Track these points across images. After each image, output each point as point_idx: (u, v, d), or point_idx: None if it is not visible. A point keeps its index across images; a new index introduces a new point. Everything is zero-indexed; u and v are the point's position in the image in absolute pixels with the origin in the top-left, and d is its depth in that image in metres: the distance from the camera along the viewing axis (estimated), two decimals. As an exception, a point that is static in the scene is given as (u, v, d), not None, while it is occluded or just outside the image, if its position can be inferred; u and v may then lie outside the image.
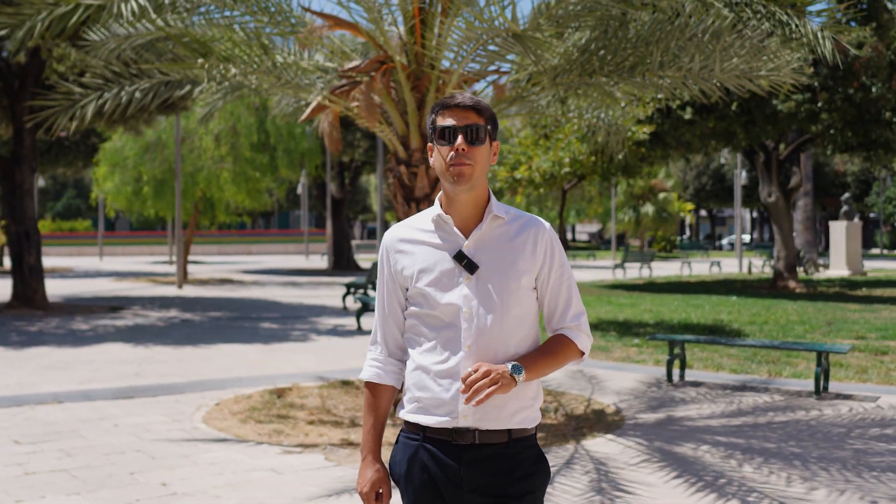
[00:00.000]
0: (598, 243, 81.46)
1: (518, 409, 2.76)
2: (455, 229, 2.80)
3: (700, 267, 41.05)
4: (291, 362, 11.76)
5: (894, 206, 62.29)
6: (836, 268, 32.55)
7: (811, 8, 7.96)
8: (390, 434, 6.99)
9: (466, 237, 2.80)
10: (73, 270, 37.81)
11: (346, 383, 9.95)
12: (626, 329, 15.15)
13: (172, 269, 38.16)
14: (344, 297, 19.43)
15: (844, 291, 24.03)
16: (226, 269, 39.17)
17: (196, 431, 7.79)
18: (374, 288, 19.07)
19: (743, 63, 7.55)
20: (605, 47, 7.74)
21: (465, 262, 2.76)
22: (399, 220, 8.65)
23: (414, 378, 2.82)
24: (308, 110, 8.54)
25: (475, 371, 2.61)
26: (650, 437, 7.59)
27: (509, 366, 2.67)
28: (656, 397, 9.38)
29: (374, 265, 19.04)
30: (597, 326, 15.50)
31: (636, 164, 15.48)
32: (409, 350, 2.87)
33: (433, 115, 2.81)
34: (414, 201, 8.45)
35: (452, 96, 2.78)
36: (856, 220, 33.22)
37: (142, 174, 28.44)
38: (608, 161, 14.54)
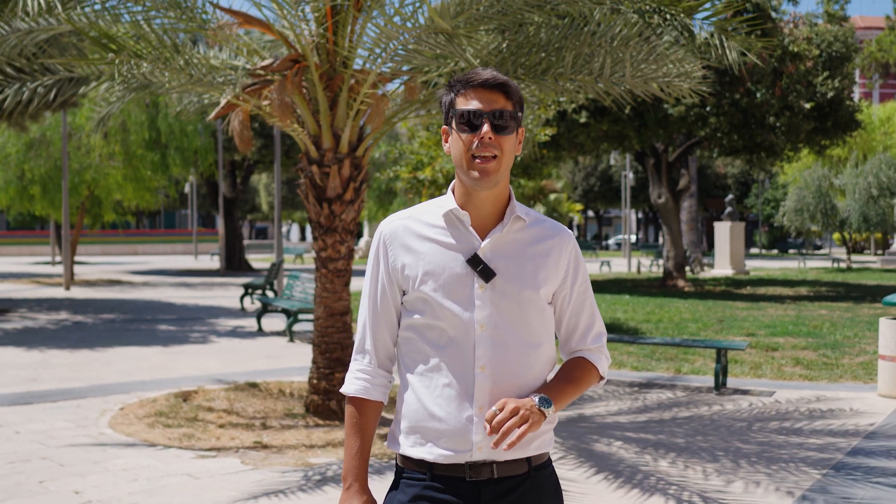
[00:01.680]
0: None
1: (536, 435, 2.42)
2: (471, 229, 2.40)
3: (590, 266, 41.83)
4: (194, 365, 11.53)
5: (772, 208, 64.63)
6: (721, 267, 33.59)
7: (706, 17, 8.19)
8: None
9: (482, 238, 2.41)
10: (-51, 271, 36.28)
11: (252, 385, 9.81)
12: (526, 328, 15.34)
13: (56, 269, 36.96)
14: (242, 298, 19.14)
15: (730, 290, 24.84)
16: (113, 269, 38.11)
17: (103, 437, 7.57)
18: (271, 289, 18.85)
19: (650, 69, 7.74)
20: (518, 50, 7.83)
21: (481, 268, 2.36)
22: (310, 221, 8.59)
23: (412, 405, 2.42)
24: (217, 108, 8.40)
25: (500, 409, 2.25)
26: (563, 434, 7.71)
27: (536, 399, 2.30)
28: (564, 395, 9.52)
29: (273, 265, 18.80)
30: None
31: (536, 166, 15.69)
32: (405, 371, 2.47)
33: (452, 95, 2.40)
34: (326, 201, 8.39)
35: (477, 73, 2.37)
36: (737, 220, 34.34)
37: (24, 172, 27.43)
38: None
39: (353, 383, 2.52)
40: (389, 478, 6.34)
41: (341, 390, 2.56)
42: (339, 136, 8.33)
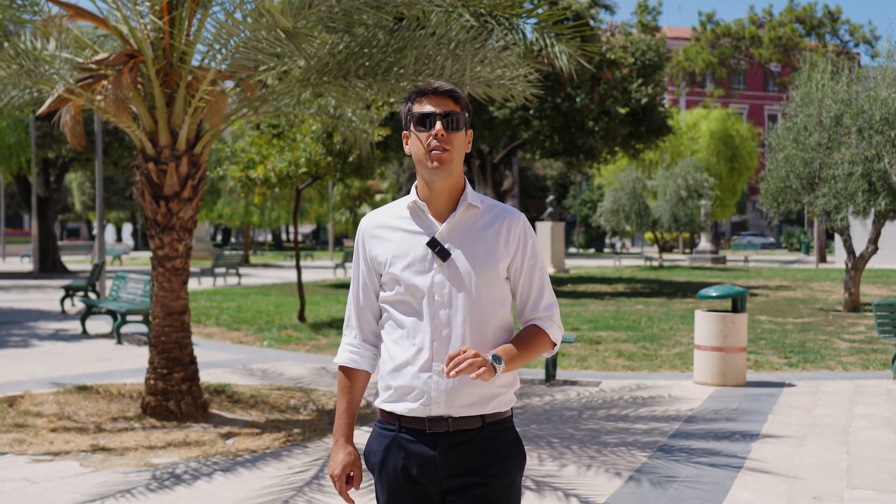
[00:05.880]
0: (314, 244, 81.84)
1: (492, 395, 2.76)
2: (430, 216, 2.80)
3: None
4: (16, 369, 11.06)
5: (589, 209, 67.14)
6: (542, 266, 34.61)
7: (537, 23, 8.57)
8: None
9: (440, 224, 2.80)
10: None
11: (83, 388, 9.53)
12: (359, 326, 15.45)
13: None
14: (62, 301, 18.40)
15: (553, 287, 25.66)
16: (-88, 272, 35.77)
17: (-74, 445, 7.21)
18: (94, 290, 18.28)
19: (486, 72, 8.03)
20: (360, 50, 7.95)
21: (438, 249, 2.75)
22: (146, 219, 8.44)
23: (387, 366, 2.82)
24: (48, 102, 8.12)
25: (464, 351, 2.59)
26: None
27: (490, 356, 2.65)
28: (402, 390, 9.70)
29: (95, 266, 18.20)
30: (331, 325, 15.71)
31: (368, 166, 15.91)
32: (384, 337, 2.86)
33: (409, 104, 2.81)
34: (163, 199, 8.26)
35: (429, 83, 2.79)
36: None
37: None
38: (343, 162, 14.81)
39: (343, 354, 2.93)
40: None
41: (333, 360, 2.98)
42: (177, 133, 8.22)
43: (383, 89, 8.37)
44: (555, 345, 2.91)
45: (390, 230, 2.84)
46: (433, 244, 2.76)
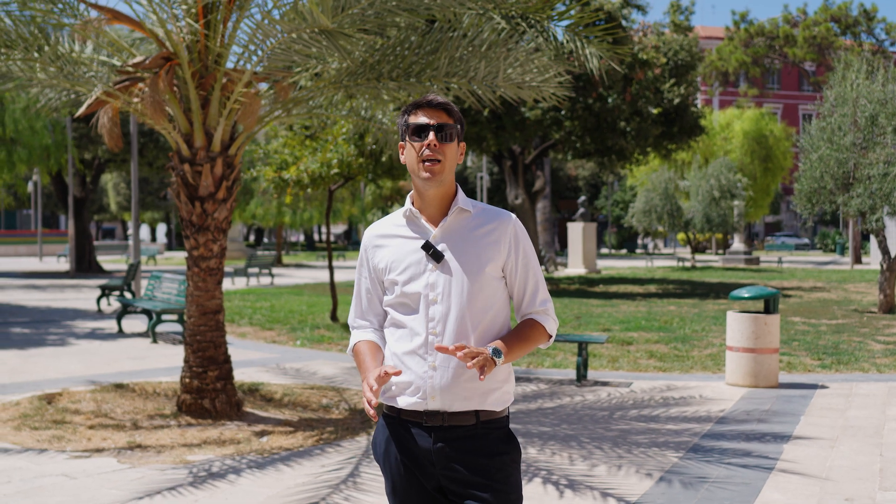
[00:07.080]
0: (346, 244, 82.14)
1: (487, 391, 2.91)
2: (424, 222, 2.97)
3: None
4: (54, 367, 11.25)
5: (621, 209, 66.89)
6: (574, 266, 34.60)
7: (569, 25, 8.59)
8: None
9: (435, 229, 2.96)
10: None
11: (119, 386, 9.68)
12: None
13: None
14: (98, 300, 18.66)
15: (584, 288, 25.66)
16: (-48, 272, 36.34)
17: (-32, 441, 7.37)
18: (129, 290, 18.52)
19: (518, 74, 8.07)
20: (392, 53, 8.02)
21: (432, 252, 2.91)
22: (182, 219, 8.58)
23: (389, 363, 2.95)
24: (86, 104, 8.27)
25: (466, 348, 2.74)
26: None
27: (489, 349, 2.80)
28: (433, 390, 9.76)
29: (131, 266, 18.45)
30: (363, 324, 15.80)
31: (400, 166, 15.97)
32: (387, 338, 3.02)
33: (405, 116, 2.97)
34: (198, 200, 8.38)
35: (425, 97, 2.94)
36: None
37: None
38: (374, 163, 14.90)
39: (354, 336, 3.10)
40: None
41: (348, 351, 3.14)
42: (212, 135, 8.33)
43: (415, 91, 8.44)
44: (550, 336, 3.07)
45: (389, 238, 3.02)
46: (427, 247, 2.93)
